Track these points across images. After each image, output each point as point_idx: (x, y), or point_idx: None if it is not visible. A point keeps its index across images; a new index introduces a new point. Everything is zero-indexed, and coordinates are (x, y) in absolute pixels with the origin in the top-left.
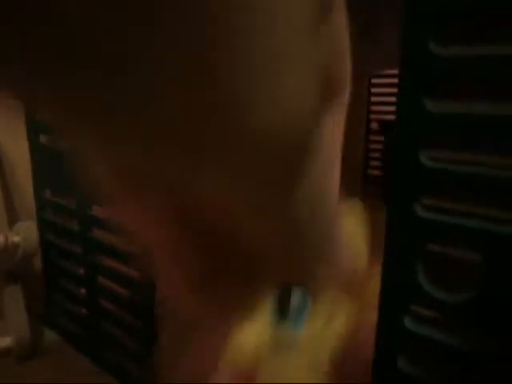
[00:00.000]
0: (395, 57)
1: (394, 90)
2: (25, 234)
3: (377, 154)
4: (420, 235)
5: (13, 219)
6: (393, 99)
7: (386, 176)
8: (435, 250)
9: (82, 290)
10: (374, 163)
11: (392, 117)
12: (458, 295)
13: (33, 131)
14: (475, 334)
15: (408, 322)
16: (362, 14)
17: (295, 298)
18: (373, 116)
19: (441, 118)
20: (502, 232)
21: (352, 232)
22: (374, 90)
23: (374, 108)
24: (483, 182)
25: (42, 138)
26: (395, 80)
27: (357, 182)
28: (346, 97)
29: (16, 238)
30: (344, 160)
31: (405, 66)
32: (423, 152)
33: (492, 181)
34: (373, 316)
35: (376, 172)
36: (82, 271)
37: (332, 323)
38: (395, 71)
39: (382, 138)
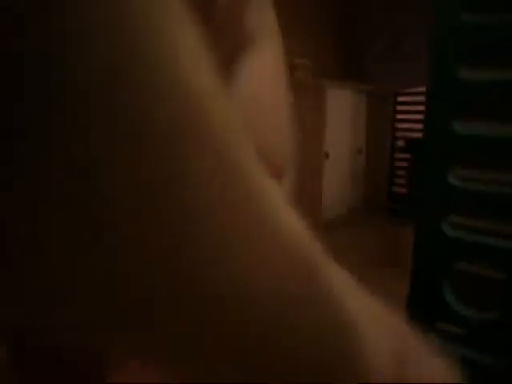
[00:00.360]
0: (420, 75)
1: (420, 108)
2: None
3: (402, 172)
4: (448, 253)
5: None
6: (418, 117)
7: (411, 194)
8: (462, 267)
9: None
10: (399, 181)
11: (417, 134)
12: (485, 313)
13: None
14: (503, 350)
15: (434, 339)
16: (390, 34)
17: None
18: (398, 134)
19: (469, 139)
20: None
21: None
22: (399, 107)
23: (399, 125)
24: (509, 201)
25: None
26: (421, 98)
27: (381, 199)
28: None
29: None
30: (369, 178)
31: (433, 89)
32: (451, 171)
33: None
34: None
35: (401, 189)
36: None
37: None
38: (420, 89)
39: (407, 156)
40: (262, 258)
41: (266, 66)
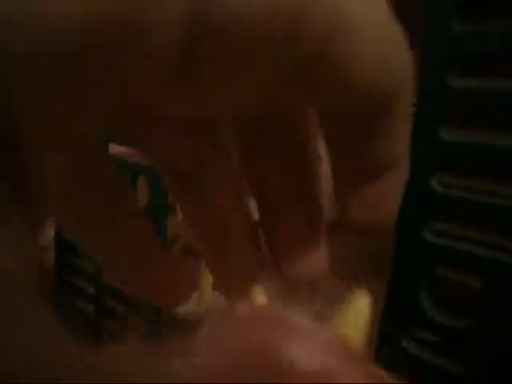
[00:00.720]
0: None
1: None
2: None
3: None
4: (427, 259)
5: None
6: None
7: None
8: (440, 274)
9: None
10: None
11: None
12: (459, 321)
13: None
14: (475, 359)
15: (408, 345)
16: None
17: None
18: None
19: (454, 145)
20: (507, 261)
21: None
22: None
23: None
24: (493, 210)
25: None
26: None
27: None
28: None
29: None
30: None
31: (421, 95)
32: (435, 178)
33: (501, 210)
34: None
35: None
36: (92, 269)
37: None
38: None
39: None
40: None
41: None
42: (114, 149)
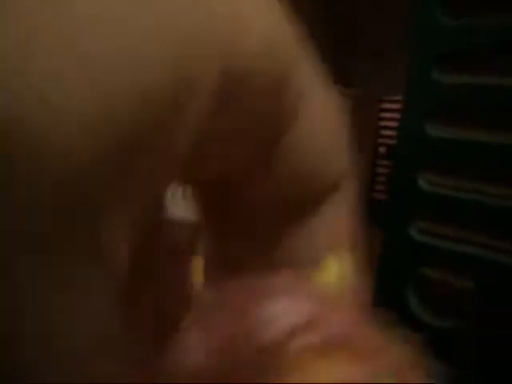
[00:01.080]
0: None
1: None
2: None
3: (383, 179)
4: (413, 258)
5: None
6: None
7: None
8: (428, 274)
9: None
10: (380, 187)
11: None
12: (447, 321)
13: None
14: (463, 359)
15: None
16: (377, 41)
17: None
18: (381, 140)
19: (441, 142)
20: (495, 260)
21: None
22: (384, 114)
23: (383, 132)
24: (479, 209)
25: None
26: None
27: (361, 205)
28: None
29: None
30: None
31: (408, 91)
32: (421, 176)
33: (488, 209)
34: None
35: (381, 196)
36: None
37: None
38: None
39: (388, 163)
40: None
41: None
42: None
